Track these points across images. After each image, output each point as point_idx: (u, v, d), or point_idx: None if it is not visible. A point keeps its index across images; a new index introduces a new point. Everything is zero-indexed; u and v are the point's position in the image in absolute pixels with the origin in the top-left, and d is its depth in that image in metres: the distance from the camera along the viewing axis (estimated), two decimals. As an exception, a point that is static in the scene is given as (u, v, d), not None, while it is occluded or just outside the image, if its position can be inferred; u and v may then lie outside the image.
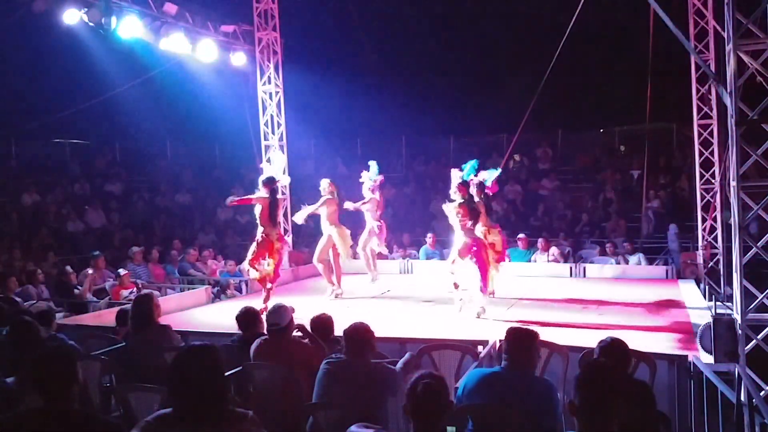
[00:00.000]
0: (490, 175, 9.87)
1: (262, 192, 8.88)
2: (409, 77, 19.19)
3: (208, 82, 14.08)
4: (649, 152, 14.30)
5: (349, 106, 17.50)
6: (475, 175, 9.26)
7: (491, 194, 9.94)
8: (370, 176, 10.56)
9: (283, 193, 12.08)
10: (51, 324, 6.20)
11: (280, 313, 5.17)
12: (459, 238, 8.41)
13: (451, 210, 8.35)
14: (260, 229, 8.86)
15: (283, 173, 9.29)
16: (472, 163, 9.18)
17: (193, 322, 8.27)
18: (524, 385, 4.00)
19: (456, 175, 8.76)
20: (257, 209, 8.88)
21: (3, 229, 13.17)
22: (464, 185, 8.47)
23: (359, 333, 4.54)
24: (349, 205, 10.26)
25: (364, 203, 10.55)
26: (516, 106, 13.79)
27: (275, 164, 9.69)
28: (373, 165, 10.63)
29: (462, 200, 8.30)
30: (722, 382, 4.84)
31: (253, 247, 8.92)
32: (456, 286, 8.39)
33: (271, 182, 8.93)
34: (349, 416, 3.61)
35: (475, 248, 8.26)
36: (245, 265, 9.16)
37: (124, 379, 5.22)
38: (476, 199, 9.13)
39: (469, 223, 8.28)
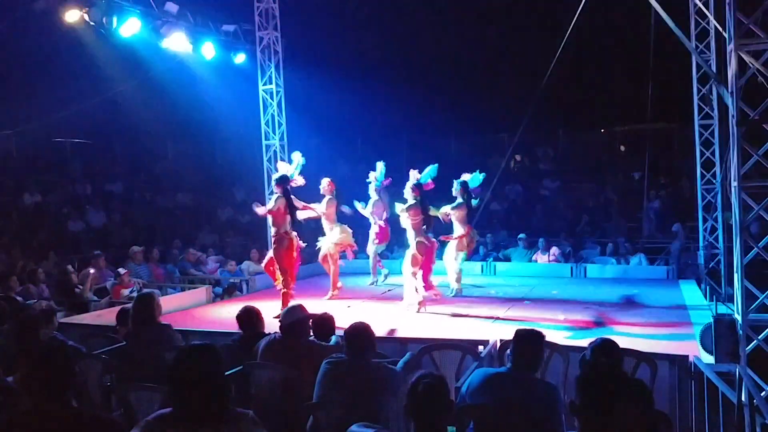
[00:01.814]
0: (474, 178, 10.17)
1: (276, 192, 8.75)
2: (410, 77, 19.17)
3: (209, 82, 14.08)
4: (650, 152, 14.32)
5: (350, 105, 17.48)
6: (432, 181, 9.55)
7: (474, 195, 10.20)
8: (377, 176, 10.51)
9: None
10: (52, 321, 6.20)
11: (295, 313, 5.17)
12: (413, 239, 8.72)
13: (402, 211, 8.77)
14: (273, 230, 8.75)
15: (299, 174, 9.16)
16: (431, 168, 9.54)
17: (193, 322, 8.27)
18: (529, 387, 4.00)
19: (413, 176, 9.09)
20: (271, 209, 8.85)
21: (4, 228, 13.17)
22: (418, 187, 8.83)
23: (360, 332, 4.54)
24: (346, 209, 10.22)
25: (370, 211, 10.49)
26: (517, 106, 13.78)
27: (293, 163, 9.53)
28: (379, 165, 10.49)
29: (414, 201, 8.67)
30: (723, 382, 4.83)
31: (273, 252, 8.80)
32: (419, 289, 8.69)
33: (284, 181, 8.75)
34: (349, 416, 3.60)
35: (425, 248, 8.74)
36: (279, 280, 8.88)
37: (125, 379, 5.22)
38: (460, 199, 9.71)
39: (423, 225, 8.70)
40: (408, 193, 8.85)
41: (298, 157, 9.26)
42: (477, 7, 17.41)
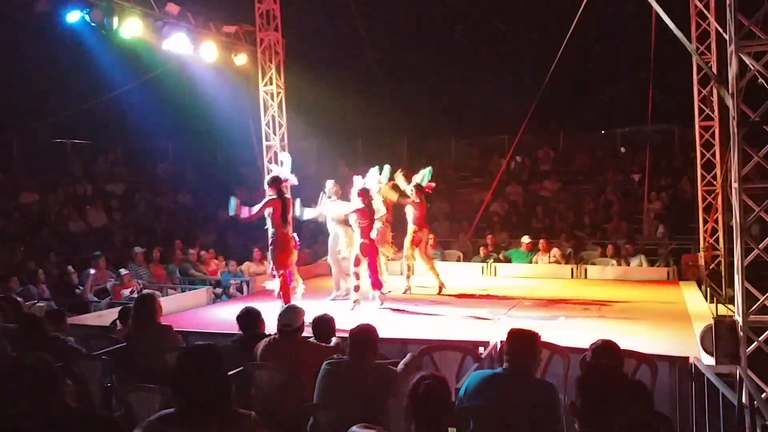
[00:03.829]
0: (424, 176, 10.34)
1: (269, 193, 8.66)
2: (410, 78, 19.18)
3: (209, 83, 14.08)
4: (650, 154, 14.32)
5: (350, 106, 17.50)
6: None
7: (430, 192, 10.48)
8: (381, 180, 10.43)
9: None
10: (63, 322, 6.23)
11: (293, 314, 5.17)
12: (357, 240, 9.02)
13: (349, 213, 9.13)
14: (271, 230, 8.68)
15: (290, 173, 9.17)
16: (386, 171, 9.83)
17: (194, 323, 8.27)
18: (526, 386, 3.99)
19: (358, 182, 9.39)
20: (267, 211, 8.73)
21: (5, 228, 13.17)
22: (364, 192, 9.06)
23: (366, 334, 4.54)
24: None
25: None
26: (518, 107, 13.80)
27: (285, 164, 9.47)
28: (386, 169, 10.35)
29: (362, 206, 8.96)
30: (723, 383, 4.83)
31: (271, 253, 8.77)
32: (357, 288, 8.98)
33: (276, 182, 8.70)
34: (350, 417, 3.61)
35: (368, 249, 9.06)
36: (274, 279, 8.79)
37: (125, 379, 5.22)
38: (417, 200, 9.98)
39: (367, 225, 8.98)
40: (354, 197, 9.10)
41: (286, 157, 9.31)
42: (478, 9, 17.43)
